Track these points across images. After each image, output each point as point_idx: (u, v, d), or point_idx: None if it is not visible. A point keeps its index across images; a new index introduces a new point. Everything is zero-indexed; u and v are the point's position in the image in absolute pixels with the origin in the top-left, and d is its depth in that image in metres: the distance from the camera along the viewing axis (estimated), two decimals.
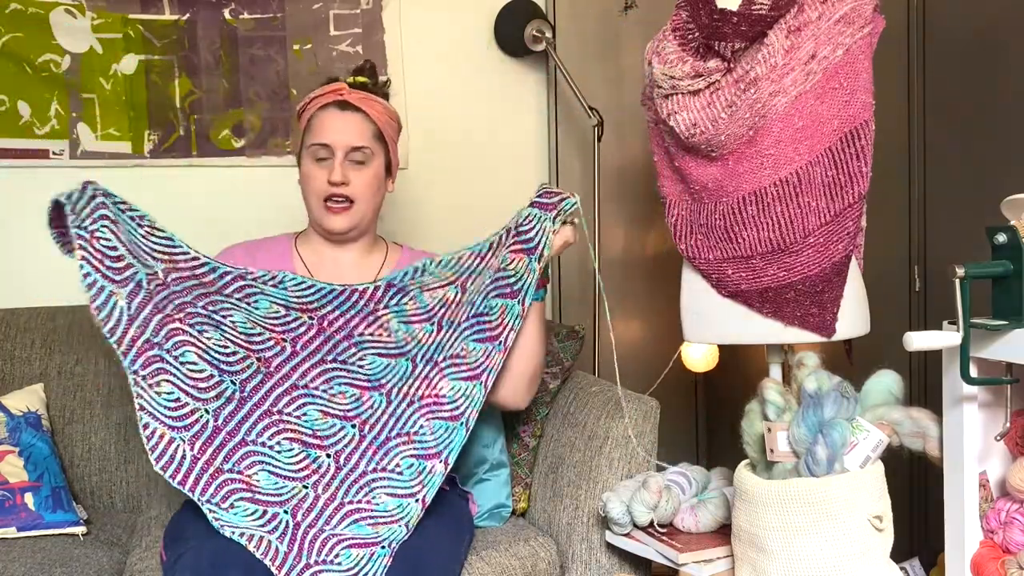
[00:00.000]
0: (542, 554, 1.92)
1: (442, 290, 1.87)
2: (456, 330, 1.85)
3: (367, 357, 1.83)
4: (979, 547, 1.57)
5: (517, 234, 1.86)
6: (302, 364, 1.81)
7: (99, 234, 1.68)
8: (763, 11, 1.70)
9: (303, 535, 1.68)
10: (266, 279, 1.80)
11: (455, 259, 1.89)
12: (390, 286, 1.85)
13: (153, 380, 1.70)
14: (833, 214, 1.75)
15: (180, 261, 1.77)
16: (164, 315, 1.73)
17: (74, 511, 2.00)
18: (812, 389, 1.63)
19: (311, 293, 1.82)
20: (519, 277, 1.85)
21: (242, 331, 1.78)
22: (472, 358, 1.84)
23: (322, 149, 1.88)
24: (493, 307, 1.85)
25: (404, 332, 1.85)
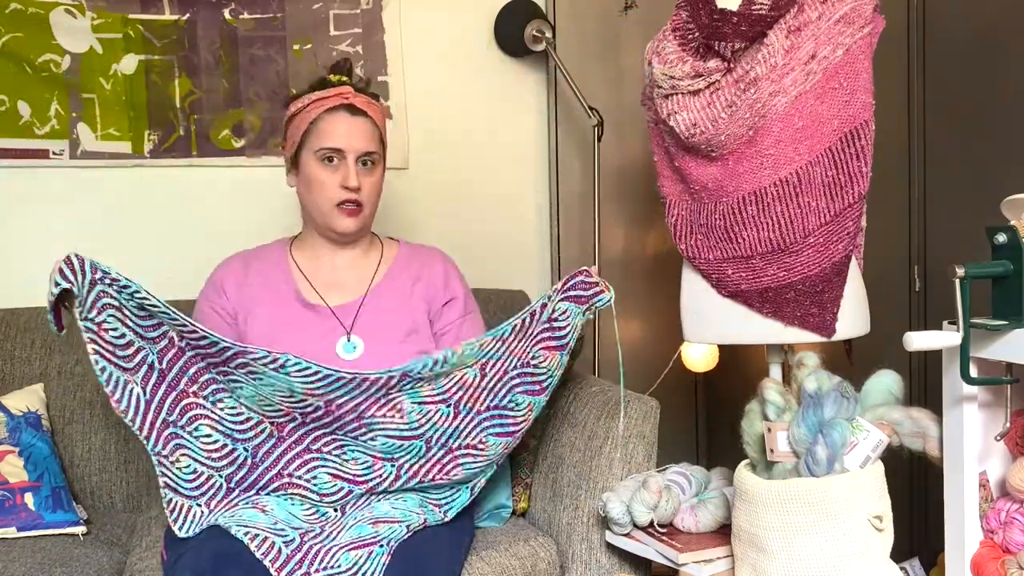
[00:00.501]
0: (542, 554, 1.92)
1: (460, 372, 1.78)
2: (474, 419, 1.80)
3: (378, 438, 1.77)
4: (979, 547, 1.57)
5: (551, 328, 1.80)
6: (314, 431, 1.78)
7: (106, 324, 1.67)
8: (763, 11, 1.70)
9: (309, 548, 1.69)
10: (266, 361, 1.69)
11: (476, 346, 1.77)
12: (405, 376, 1.74)
13: (173, 457, 1.75)
14: (833, 214, 1.75)
15: (186, 334, 1.71)
16: (178, 392, 1.74)
17: (74, 511, 2.00)
18: (812, 389, 1.63)
19: (316, 380, 1.71)
20: (550, 374, 1.82)
21: (250, 402, 1.76)
22: (490, 451, 1.82)
23: (332, 153, 1.87)
24: (520, 403, 1.81)
25: (418, 412, 1.77)
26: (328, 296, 1.92)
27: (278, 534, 1.69)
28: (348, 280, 1.95)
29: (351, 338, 1.88)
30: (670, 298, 2.02)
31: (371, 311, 1.92)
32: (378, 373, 1.72)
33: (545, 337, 1.81)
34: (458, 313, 1.98)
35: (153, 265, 2.45)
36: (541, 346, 1.80)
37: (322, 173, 1.87)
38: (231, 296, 1.92)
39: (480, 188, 2.71)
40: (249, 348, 1.70)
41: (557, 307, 1.80)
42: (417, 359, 1.74)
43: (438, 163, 2.67)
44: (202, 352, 1.73)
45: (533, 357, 1.80)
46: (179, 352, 1.73)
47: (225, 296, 1.93)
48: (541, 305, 1.81)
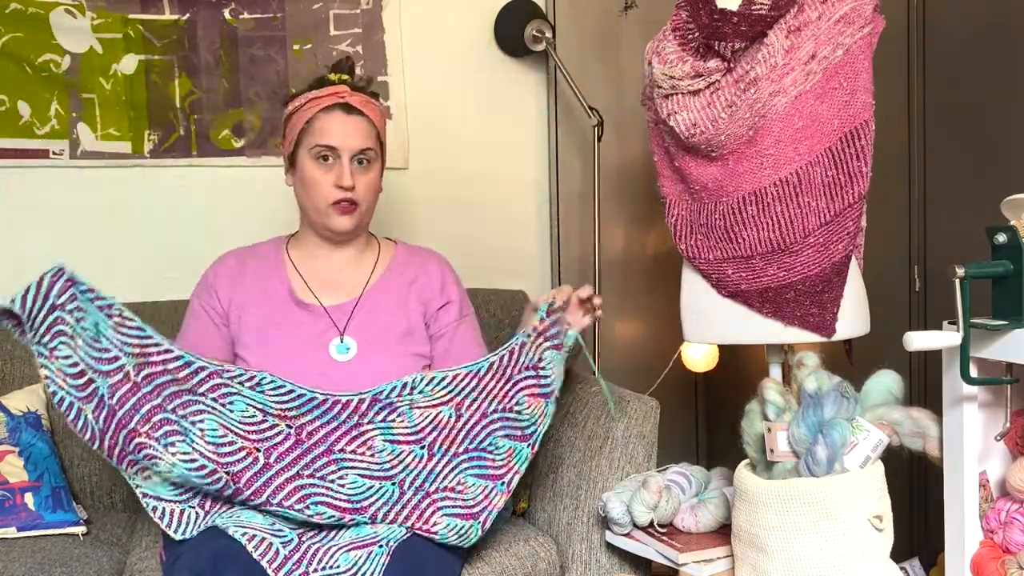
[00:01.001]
0: (542, 554, 1.92)
1: (434, 410, 1.75)
2: (451, 460, 1.76)
3: (348, 476, 1.71)
4: (979, 547, 1.57)
5: (536, 377, 1.78)
6: (275, 479, 1.70)
7: (57, 352, 1.62)
8: (763, 11, 1.70)
9: (307, 548, 1.69)
10: (243, 379, 1.68)
11: (448, 378, 1.75)
12: (375, 400, 1.73)
13: (144, 475, 1.71)
14: (833, 214, 1.75)
15: (152, 354, 1.66)
16: (128, 430, 1.66)
17: (74, 511, 2.00)
18: (812, 389, 1.64)
19: (290, 399, 1.71)
20: (534, 422, 1.79)
21: (211, 440, 1.68)
22: (470, 495, 1.75)
23: (327, 151, 1.87)
24: (500, 447, 1.78)
25: (389, 452, 1.73)
26: (323, 296, 1.92)
27: (276, 535, 1.69)
28: (343, 280, 1.95)
29: (344, 339, 1.88)
30: (670, 298, 2.02)
31: (366, 312, 1.91)
32: (348, 395, 1.72)
33: (530, 384, 1.78)
34: (454, 316, 1.98)
35: (153, 265, 2.46)
36: (526, 392, 1.78)
37: (317, 172, 1.87)
38: (223, 295, 1.92)
39: (480, 188, 2.71)
40: (225, 366, 1.68)
41: (544, 355, 1.78)
42: (385, 384, 1.75)
43: (438, 163, 2.67)
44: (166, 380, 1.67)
45: (517, 403, 1.78)
46: (133, 388, 1.66)
47: (216, 297, 1.92)
48: (520, 344, 1.78)
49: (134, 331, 1.67)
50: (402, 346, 1.90)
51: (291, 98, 1.94)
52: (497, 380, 1.78)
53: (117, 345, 1.66)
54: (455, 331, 1.97)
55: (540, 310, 1.80)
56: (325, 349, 1.86)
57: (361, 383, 1.82)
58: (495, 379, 1.78)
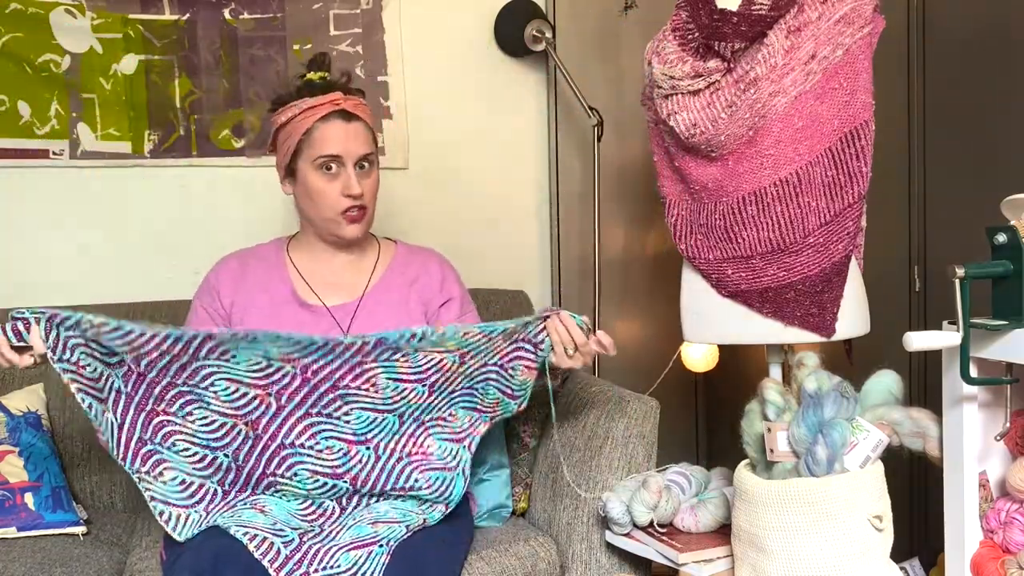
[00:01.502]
0: (542, 554, 1.92)
1: (439, 355, 1.75)
2: (448, 397, 1.81)
3: (353, 411, 1.76)
4: (979, 547, 1.57)
5: (535, 354, 1.81)
6: (288, 419, 1.75)
7: (83, 362, 1.66)
8: (763, 11, 1.70)
9: (308, 548, 1.69)
10: (238, 337, 1.66)
11: (460, 332, 1.75)
12: (380, 343, 1.72)
13: (156, 472, 1.74)
14: (833, 214, 1.75)
15: (141, 344, 1.64)
16: (147, 412, 1.72)
17: (74, 511, 2.00)
18: (812, 389, 1.64)
19: (290, 345, 1.70)
20: (524, 389, 1.84)
21: (225, 398, 1.72)
22: (457, 424, 1.84)
23: (332, 161, 1.85)
24: (489, 394, 1.83)
25: (392, 389, 1.76)
26: (325, 296, 1.92)
27: (277, 534, 1.69)
28: (345, 281, 1.95)
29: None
30: (670, 298, 2.02)
31: (368, 312, 1.91)
32: (351, 339, 1.71)
33: (528, 356, 1.80)
34: (455, 314, 1.98)
35: (153, 265, 2.46)
36: (523, 363, 1.81)
37: (322, 182, 1.85)
38: (225, 298, 1.91)
39: (480, 188, 2.71)
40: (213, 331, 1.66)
41: (546, 340, 1.80)
42: (395, 330, 1.72)
43: (438, 163, 2.67)
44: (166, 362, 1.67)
45: (512, 367, 1.81)
46: (140, 376, 1.69)
47: (219, 300, 1.92)
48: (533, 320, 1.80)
49: (113, 332, 1.63)
50: None
51: (279, 105, 1.91)
52: (505, 340, 1.80)
53: (110, 347, 1.67)
54: None
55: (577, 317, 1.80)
56: None
57: None
58: (504, 339, 1.79)
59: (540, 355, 1.81)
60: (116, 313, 2.24)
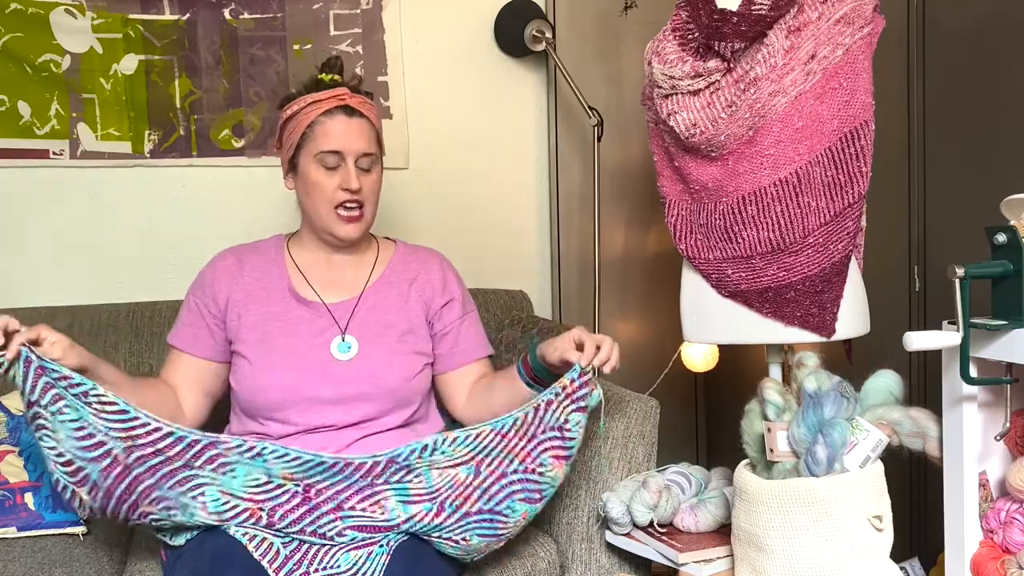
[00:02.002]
0: (542, 554, 1.92)
1: (453, 470, 1.67)
2: (461, 520, 1.69)
3: (347, 532, 1.66)
4: (979, 547, 1.57)
5: (562, 438, 1.70)
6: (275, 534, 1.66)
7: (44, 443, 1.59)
8: (763, 11, 1.70)
9: (307, 547, 1.69)
10: (242, 450, 1.62)
11: (472, 436, 1.68)
12: (392, 462, 1.65)
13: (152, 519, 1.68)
14: (833, 214, 1.75)
15: (140, 436, 1.59)
16: (129, 504, 1.63)
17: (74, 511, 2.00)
18: (812, 389, 1.64)
19: (296, 465, 1.64)
20: (553, 484, 1.73)
21: (213, 510, 1.65)
22: (470, 548, 1.71)
23: (332, 156, 1.84)
24: (515, 510, 1.70)
25: (401, 511, 1.67)
26: (324, 293, 1.92)
27: (277, 535, 1.69)
28: (344, 278, 1.95)
29: (345, 338, 1.87)
30: (670, 298, 2.02)
31: (366, 311, 1.91)
32: (363, 458, 1.65)
33: (554, 444, 1.71)
34: (457, 314, 1.98)
35: (153, 265, 2.46)
36: (550, 454, 1.71)
37: (321, 176, 1.86)
38: (221, 295, 1.90)
39: (480, 188, 2.71)
40: (222, 437, 1.62)
41: (570, 417, 1.71)
42: (404, 445, 1.67)
43: (438, 163, 2.67)
44: (158, 462, 1.61)
45: (541, 464, 1.70)
46: (125, 470, 1.61)
47: (213, 297, 1.90)
48: (547, 402, 1.70)
49: (115, 414, 1.59)
50: (403, 344, 1.90)
51: (287, 101, 1.92)
52: (520, 438, 1.70)
53: (101, 430, 1.59)
54: (459, 328, 1.97)
55: (574, 369, 1.71)
56: (326, 347, 1.86)
57: (362, 381, 1.82)
58: (519, 437, 1.70)
59: (569, 438, 1.70)
60: (116, 313, 2.27)
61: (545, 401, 1.71)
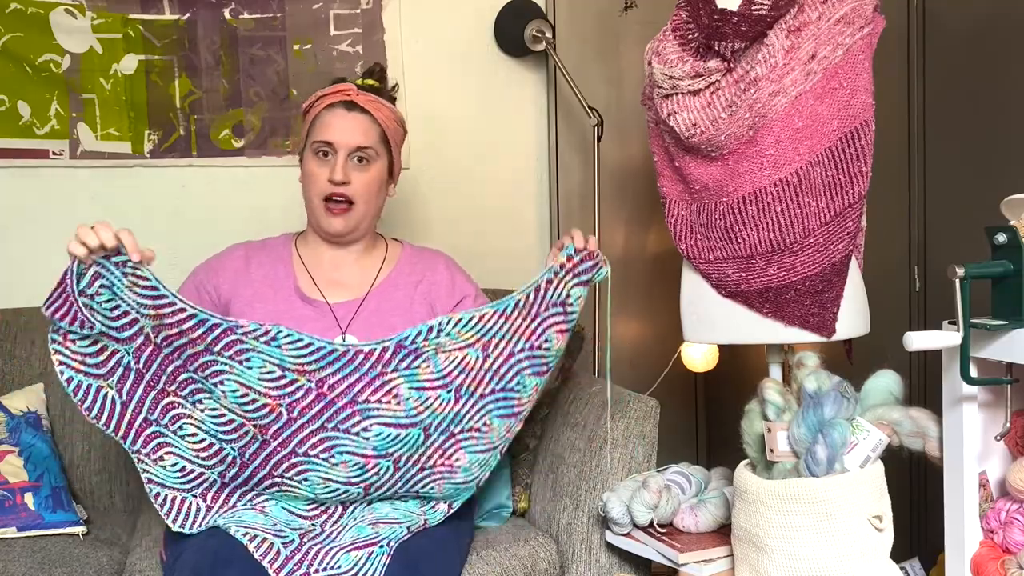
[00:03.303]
0: (542, 554, 1.92)
1: (460, 352, 1.71)
2: (478, 402, 1.75)
3: (373, 427, 1.69)
4: (979, 547, 1.57)
5: (564, 313, 1.77)
6: (300, 431, 1.69)
7: (72, 335, 1.61)
8: (763, 11, 1.70)
9: (308, 548, 1.69)
10: (258, 334, 1.65)
11: (475, 318, 1.72)
12: (400, 347, 1.69)
13: (156, 455, 1.72)
14: (833, 214, 1.75)
15: (167, 315, 1.63)
16: (157, 391, 1.69)
17: (74, 511, 2.00)
18: (812, 389, 1.64)
19: (308, 353, 1.67)
20: (556, 355, 1.79)
21: (234, 400, 1.68)
22: (494, 434, 1.78)
23: (325, 147, 1.88)
24: (527, 385, 1.77)
25: (416, 400, 1.70)
26: (328, 293, 1.92)
27: (277, 535, 1.69)
28: (350, 279, 1.95)
29: (346, 337, 1.87)
30: (670, 298, 2.02)
31: (370, 311, 1.91)
32: (371, 344, 1.69)
33: (557, 320, 1.77)
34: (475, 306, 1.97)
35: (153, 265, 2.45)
36: (554, 329, 1.77)
37: (314, 167, 1.89)
38: (224, 288, 1.90)
39: (480, 188, 2.71)
40: (240, 322, 1.66)
41: (572, 292, 1.77)
42: (410, 328, 1.71)
43: (438, 163, 2.67)
44: (183, 343, 1.65)
45: (545, 340, 1.76)
46: (155, 350, 1.66)
47: (216, 286, 1.91)
48: (546, 281, 1.76)
49: (147, 290, 1.62)
50: None
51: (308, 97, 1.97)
52: (524, 318, 1.75)
53: (133, 307, 1.62)
54: None
55: (567, 248, 1.77)
56: None
57: None
58: (521, 317, 1.75)
59: (571, 312, 1.76)
60: None
61: (545, 281, 1.77)
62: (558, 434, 2.08)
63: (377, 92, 1.94)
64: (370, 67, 2.01)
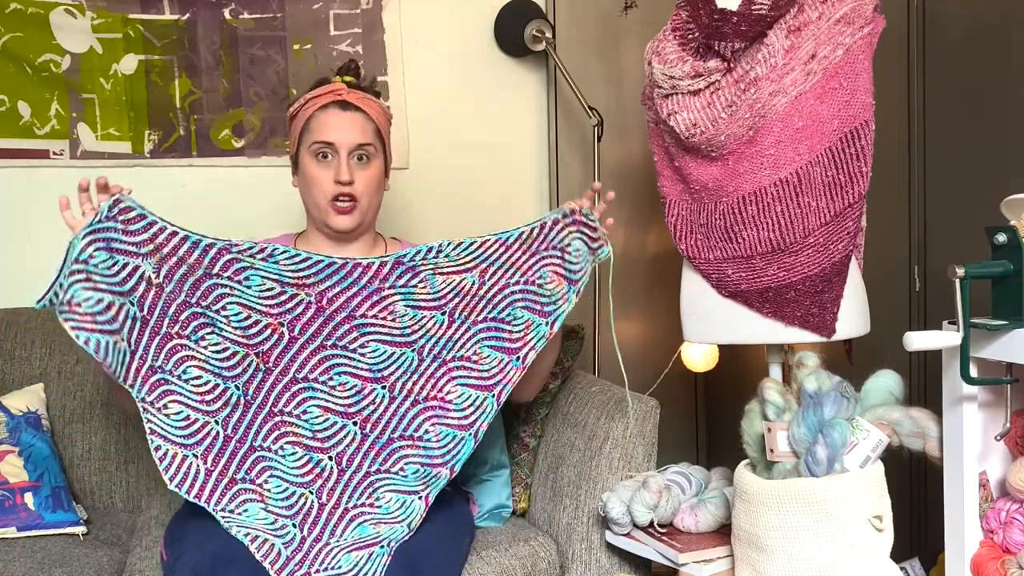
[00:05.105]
0: (542, 554, 1.92)
1: (457, 276, 1.75)
2: (470, 328, 1.78)
3: (369, 344, 1.74)
4: (979, 547, 1.57)
5: (561, 257, 1.79)
6: (301, 352, 1.73)
7: (75, 299, 1.59)
8: (763, 11, 1.70)
9: (309, 548, 1.69)
10: (254, 251, 1.70)
11: (476, 244, 1.76)
12: (398, 263, 1.74)
13: (160, 403, 1.70)
14: (833, 214, 1.75)
15: (164, 243, 1.66)
16: (162, 335, 1.69)
17: (74, 511, 2.00)
18: (812, 389, 1.64)
19: (306, 266, 1.72)
20: (554, 300, 1.79)
21: (236, 324, 1.71)
22: (485, 365, 1.78)
23: (325, 148, 1.87)
24: (518, 318, 1.79)
25: (411, 318, 1.74)
26: None
27: (278, 535, 1.69)
28: None
29: None
30: (670, 298, 2.02)
31: None
32: (370, 259, 1.73)
33: (555, 262, 1.79)
34: None
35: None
36: (550, 268, 1.78)
37: (316, 169, 1.88)
38: None
39: (480, 188, 2.71)
40: (233, 240, 1.69)
41: (572, 242, 1.79)
42: (410, 248, 1.75)
43: (438, 163, 2.67)
44: (184, 272, 1.67)
45: (540, 277, 1.78)
46: (158, 291, 1.67)
47: None
48: (552, 220, 1.79)
49: (138, 222, 1.65)
50: None
51: (293, 100, 1.96)
52: (524, 252, 1.78)
53: (131, 252, 1.65)
54: None
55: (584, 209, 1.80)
56: None
57: None
58: (522, 250, 1.78)
59: (569, 261, 1.78)
60: None
61: (552, 220, 1.80)
62: (558, 434, 2.08)
63: (361, 88, 1.94)
64: (346, 63, 2.00)
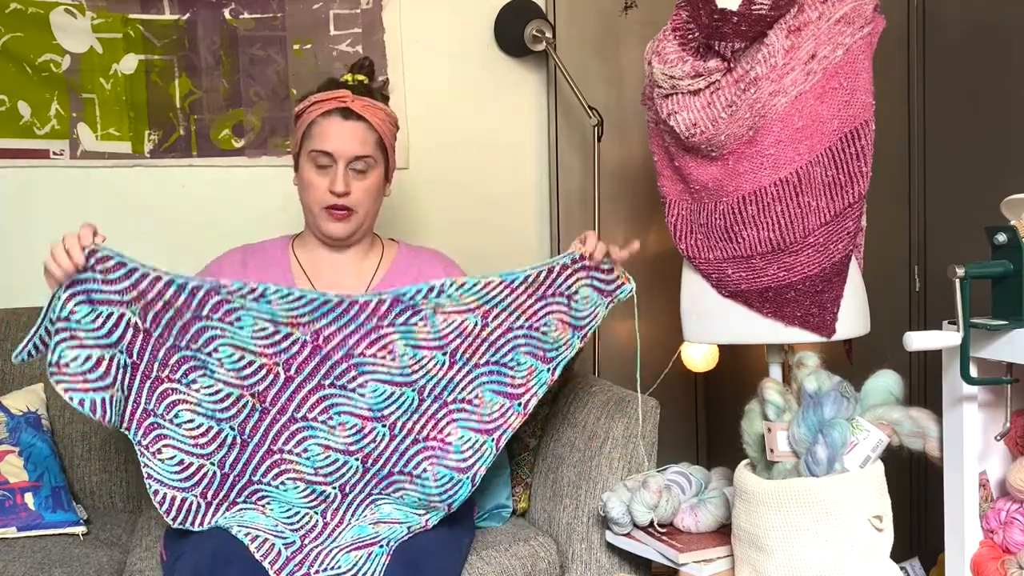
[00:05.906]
0: (542, 554, 1.92)
1: (459, 316, 1.69)
2: (472, 371, 1.75)
3: (368, 383, 1.69)
4: (979, 547, 1.57)
5: (568, 305, 1.77)
6: (298, 391, 1.69)
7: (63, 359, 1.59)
8: (763, 11, 1.70)
9: (309, 551, 1.69)
10: (244, 292, 1.62)
11: (480, 285, 1.70)
12: (397, 301, 1.67)
13: (155, 447, 1.69)
14: (833, 214, 1.75)
15: (147, 290, 1.61)
16: (152, 379, 1.67)
17: (74, 511, 2.00)
18: (812, 389, 1.64)
19: (300, 305, 1.65)
20: (557, 348, 1.78)
21: (230, 366, 1.66)
22: (486, 409, 1.76)
23: (324, 157, 1.86)
24: (521, 363, 1.76)
25: (411, 357, 1.69)
26: None
27: (278, 536, 1.69)
28: (347, 280, 1.95)
29: None
30: (670, 298, 2.02)
31: None
32: (367, 296, 1.67)
33: (561, 310, 1.76)
34: None
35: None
36: (555, 317, 1.76)
37: (314, 176, 1.87)
38: None
39: (480, 188, 2.71)
40: (222, 281, 1.63)
41: (580, 290, 1.77)
42: (411, 286, 1.69)
43: (438, 163, 2.67)
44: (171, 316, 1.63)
45: (544, 324, 1.75)
46: (146, 336, 1.64)
47: None
48: (560, 266, 1.76)
49: (117, 270, 1.60)
50: None
51: (300, 99, 1.94)
52: (529, 296, 1.74)
53: (115, 300, 1.61)
54: None
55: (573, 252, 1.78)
56: None
57: None
58: (527, 294, 1.74)
59: (576, 308, 1.75)
60: None
61: (560, 265, 1.76)
62: (558, 434, 2.08)
63: (369, 92, 1.92)
64: (359, 61, 1.98)
